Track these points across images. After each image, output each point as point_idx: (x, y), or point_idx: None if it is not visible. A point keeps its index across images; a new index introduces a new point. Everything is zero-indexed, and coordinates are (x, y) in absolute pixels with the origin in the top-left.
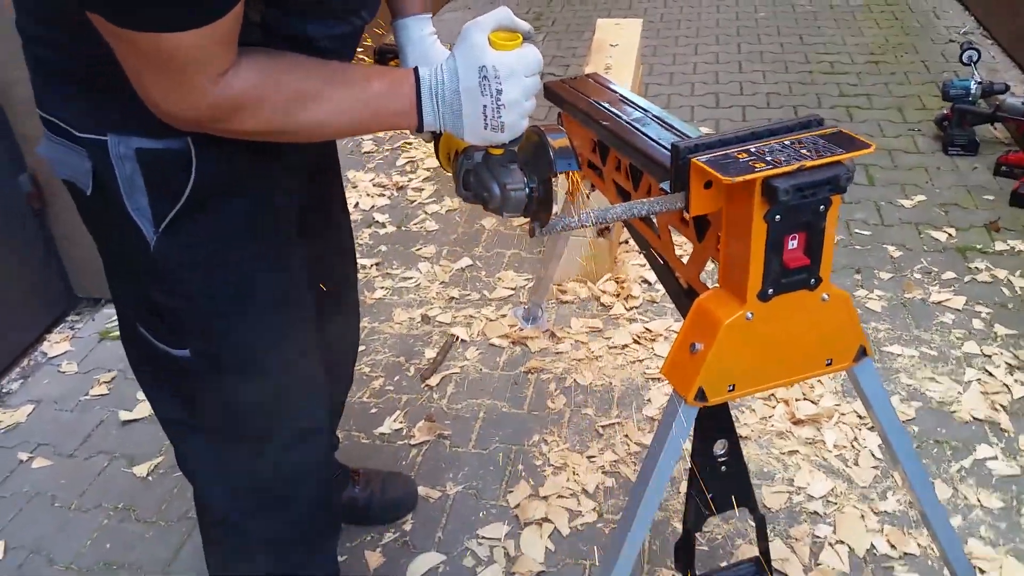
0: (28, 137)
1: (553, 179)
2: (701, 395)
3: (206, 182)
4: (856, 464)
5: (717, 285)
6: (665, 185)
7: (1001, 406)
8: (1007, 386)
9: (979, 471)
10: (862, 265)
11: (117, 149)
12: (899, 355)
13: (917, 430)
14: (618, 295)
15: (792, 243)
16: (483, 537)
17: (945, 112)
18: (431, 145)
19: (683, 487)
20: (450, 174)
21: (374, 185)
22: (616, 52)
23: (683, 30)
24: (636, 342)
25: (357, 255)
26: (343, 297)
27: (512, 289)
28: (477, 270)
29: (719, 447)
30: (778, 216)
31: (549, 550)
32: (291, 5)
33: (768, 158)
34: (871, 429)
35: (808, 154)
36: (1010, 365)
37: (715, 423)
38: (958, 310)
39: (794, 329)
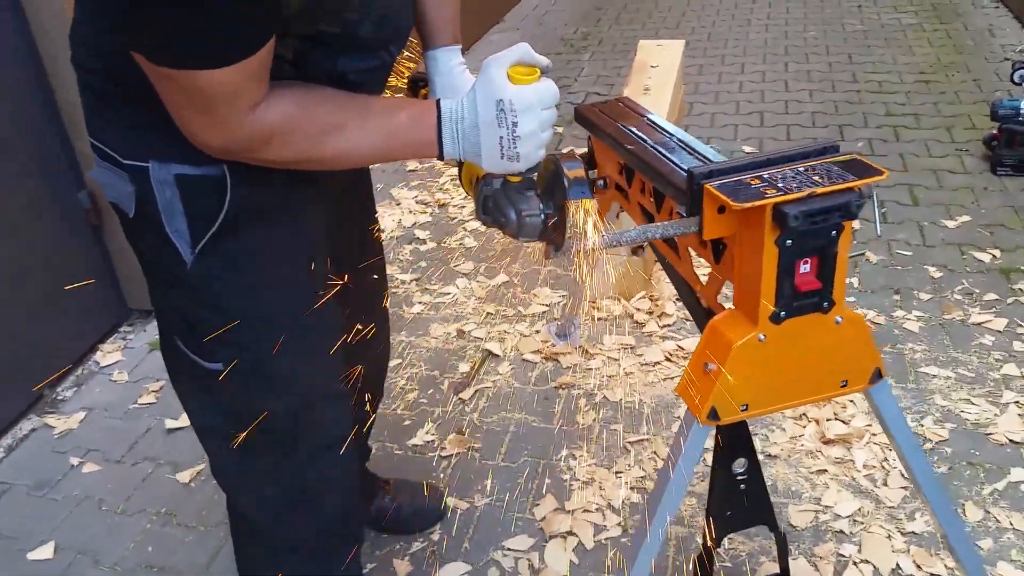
0: (87, 156)
1: (568, 207)
2: (714, 414)
3: (240, 207)
4: (885, 484)
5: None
6: (683, 209)
7: None
8: None
9: (1013, 494)
10: (902, 286)
11: (158, 175)
12: (935, 376)
13: (950, 452)
14: (652, 313)
15: (804, 267)
16: (509, 549)
17: (994, 132)
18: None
19: None
20: (472, 198)
21: (416, 202)
22: (656, 73)
23: (730, 48)
24: (668, 359)
25: (398, 270)
26: (373, 313)
27: (547, 306)
28: (513, 287)
29: (738, 465)
30: (789, 241)
31: (573, 563)
32: (322, 42)
33: (780, 184)
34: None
35: (820, 180)
36: None
37: (734, 441)
38: (999, 332)
39: (807, 351)
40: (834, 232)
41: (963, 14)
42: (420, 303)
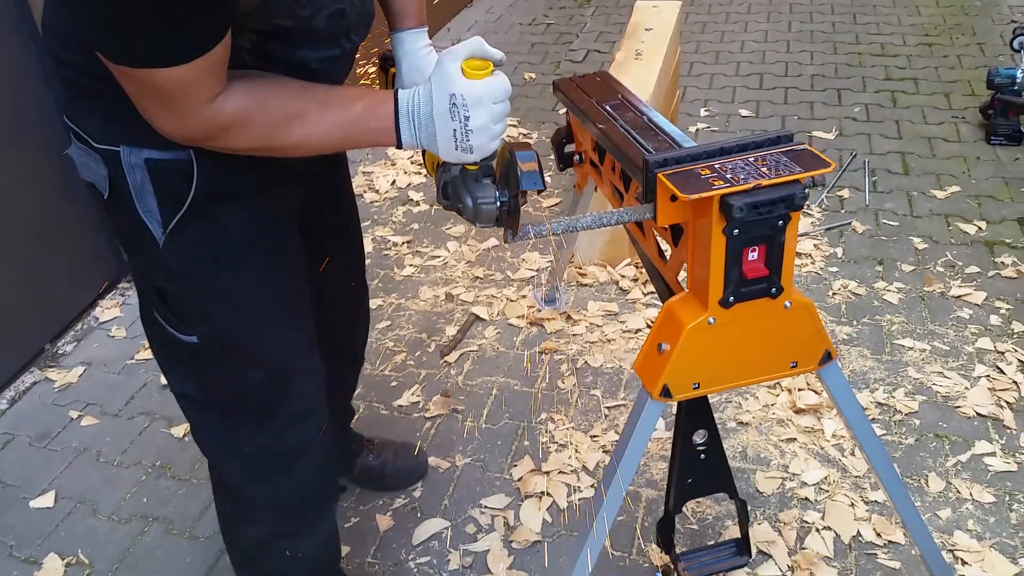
0: None
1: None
2: (666, 392)
3: (208, 189)
4: (852, 455)
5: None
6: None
7: (1007, 403)
8: (1016, 383)
9: (975, 466)
10: (885, 256)
11: (129, 159)
12: (910, 348)
13: (919, 423)
14: (636, 280)
15: (752, 255)
16: (486, 507)
17: (991, 100)
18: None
19: None
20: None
21: (411, 163)
22: (649, 37)
23: (734, 6)
24: (650, 327)
25: (391, 232)
26: (350, 285)
27: (534, 271)
28: (503, 251)
29: (698, 436)
30: (736, 231)
31: (546, 522)
32: (280, 33)
33: (728, 175)
34: (872, 421)
35: (767, 172)
36: (1022, 362)
37: (694, 414)
38: (977, 305)
39: (756, 334)
40: (780, 222)
41: None
42: (411, 266)
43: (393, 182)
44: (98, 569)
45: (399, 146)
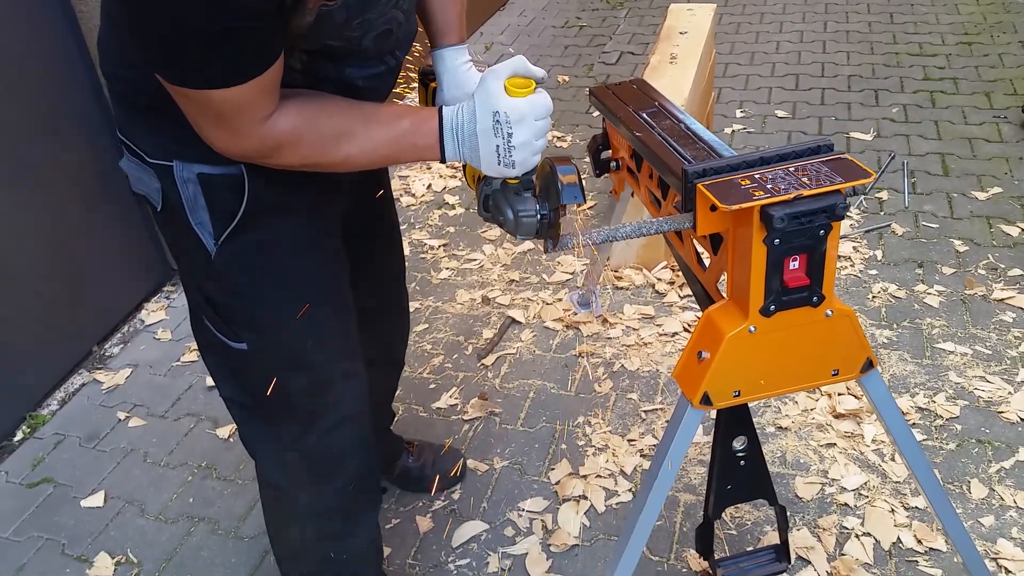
0: None
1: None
2: (706, 399)
3: (258, 202)
4: (892, 460)
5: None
6: (679, 204)
7: None
8: None
9: (1020, 473)
10: (925, 259)
11: (181, 173)
12: (951, 352)
13: (960, 428)
14: (672, 283)
15: (793, 264)
16: (524, 510)
17: None
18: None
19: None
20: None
21: (447, 167)
22: (684, 41)
23: (769, 6)
24: (687, 330)
25: (427, 236)
26: (391, 295)
27: (570, 274)
28: (538, 254)
29: (738, 443)
30: (776, 240)
31: (584, 525)
32: (329, 53)
33: (769, 186)
34: (911, 426)
35: (808, 182)
36: None
37: (734, 420)
38: (1020, 308)
39: (797, 342)
40: (821, 232)
41: None
42: (447, 269)
43: (429, 186)
44: (146, 568)
45: (443, 161)
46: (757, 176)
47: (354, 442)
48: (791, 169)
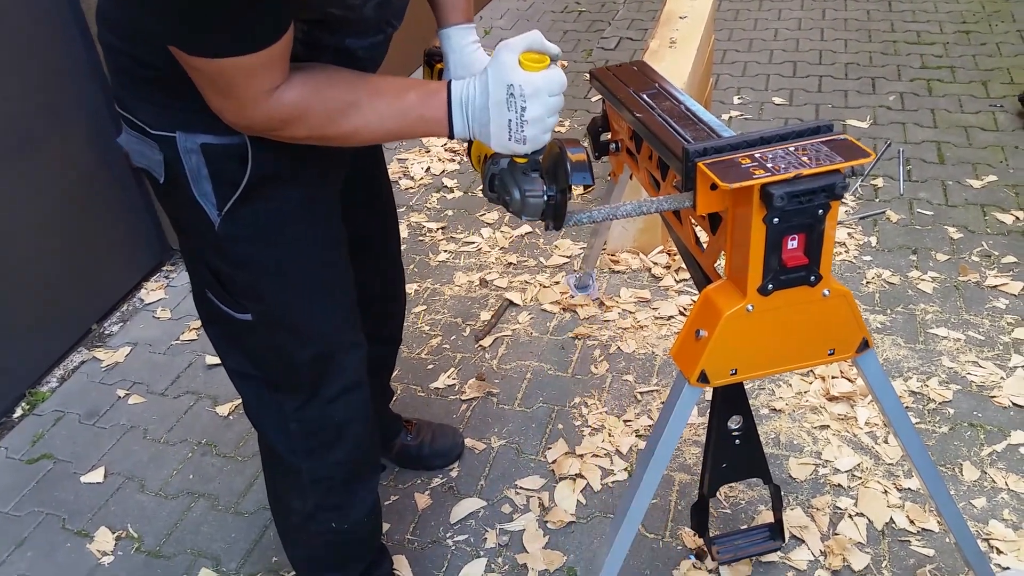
0: None
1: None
2: (703, 377)
3: (261, 173)
4: (885, 442)
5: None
6: (679, 183)
7: None
8: None
9: (1011, 456)
10: (919, 246)
11: (184, 144)
12: (944, 338)
13: (953, 412)
14: (669, 267)
15: (792, 243)
16: (521, 488)
17: None
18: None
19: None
20: (480, 175)
21: (446, 150)
22: (683, 25)
23: None
24: (682, 314)
25: (425, 219)
26: (388, 268)
27: (567, 257)
28: (535, 237)
29: (733, 422)
30: (776, 219)
31: (580, 503)
32: (329, 22)
33: (769, 165)
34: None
35: (808, 162)
36: None
37: (729, 399)
38: (1013, 295)
39: (795, 321)
40: (820, 211)
41: None
42: (445, 251)
43: (428, 169)
44: (146, 543)
45: (451, 136)
46: (757, 155)
47: (356, 412)
48: (791, 149)
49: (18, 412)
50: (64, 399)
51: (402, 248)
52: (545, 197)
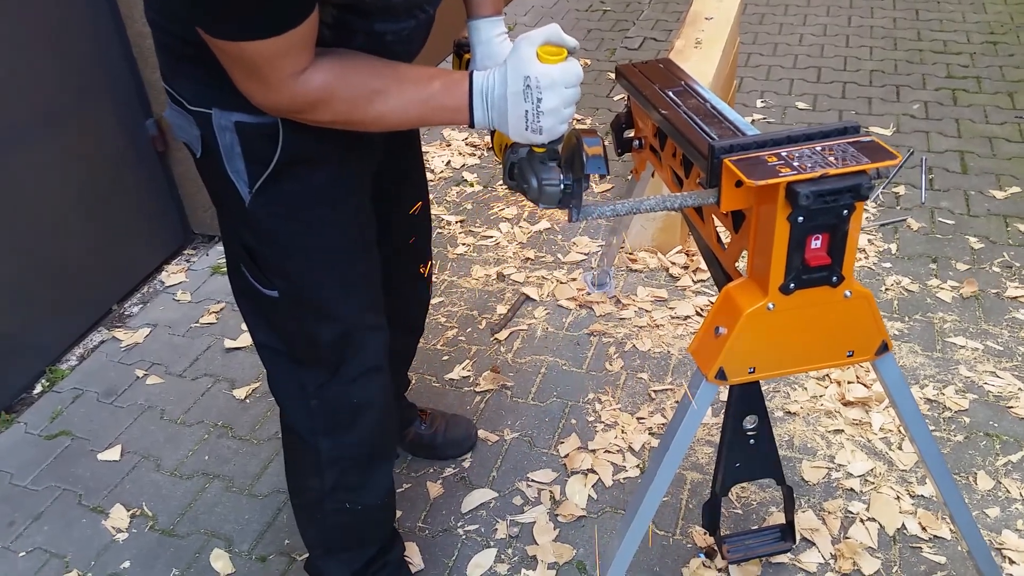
0: (155, 86)
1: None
2: (721, 374)
3: (291, 153)
4: (899, 448)
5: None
6: (704, 180)
7: None
8: None
9: None
10: (939, 255)
11: (219, 121)
12: (962, 347)
13: (969, 421)
14: (687, 267)
15: (815, 243)
16: (533, 480)
17: None
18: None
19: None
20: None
21: (466, 144)
22: (709, 26)
23: None
24: (699, 314)
25: (445, 211)
26: (415, 259)
27: (585, 254)
28: (554, 233)
29: (749, 422)
30: (800, 218)
31: (592, 498)
32: (358, 7)
33: (795, 163)
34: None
35: (834, 162)
36: None
37: (745, 398)
38: None
39: (815, 321)
40: (845, 211)
41: None
42: (464, 245)
43: (448, 163)
44: (160, 521)
45: (471, 124)
46: (784, 154)
47: (375, 393)
48: (817, 148)
49: (38, 389)
50: (83, 377)
51: None
52: (561, 186)
